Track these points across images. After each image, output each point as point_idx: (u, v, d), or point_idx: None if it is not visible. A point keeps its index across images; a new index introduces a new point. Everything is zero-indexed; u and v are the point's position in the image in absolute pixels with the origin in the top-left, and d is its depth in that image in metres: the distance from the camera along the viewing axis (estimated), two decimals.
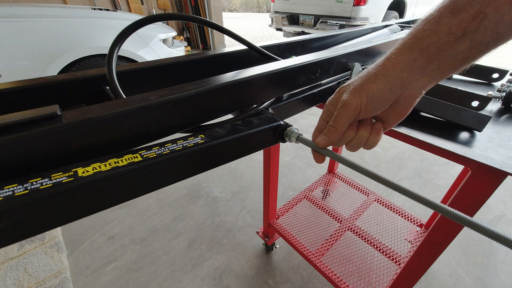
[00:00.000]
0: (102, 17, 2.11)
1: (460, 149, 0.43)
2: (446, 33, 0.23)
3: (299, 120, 2.53)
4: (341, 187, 1.45)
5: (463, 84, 0.73)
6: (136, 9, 4.60)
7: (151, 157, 0.25)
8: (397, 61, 0.26)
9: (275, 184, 1.06)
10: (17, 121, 0.22)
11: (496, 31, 0.22)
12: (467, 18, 0.22)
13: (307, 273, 1.14)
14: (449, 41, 0.23)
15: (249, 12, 19.28)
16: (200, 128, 0.36)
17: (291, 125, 0.37)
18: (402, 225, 1.18)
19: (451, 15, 0.23)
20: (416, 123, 0.51)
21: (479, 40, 0.22)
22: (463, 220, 0.22)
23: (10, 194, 0.19)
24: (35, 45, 1.79)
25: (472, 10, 0.22)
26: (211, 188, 1.64)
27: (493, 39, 0.22)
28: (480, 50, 0.23)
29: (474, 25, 0.22)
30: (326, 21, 3.64)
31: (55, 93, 0.35)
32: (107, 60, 0.35)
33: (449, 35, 0.23)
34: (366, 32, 0.97)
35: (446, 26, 0.23)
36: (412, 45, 0.26)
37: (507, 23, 0.21)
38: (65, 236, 1.30)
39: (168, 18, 0.41)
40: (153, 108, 0.28)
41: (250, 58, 0.56)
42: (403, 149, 2.05)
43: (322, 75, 0.50)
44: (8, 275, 1.08)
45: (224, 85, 0.34)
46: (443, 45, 0.24)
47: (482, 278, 1.13)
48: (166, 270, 1.14)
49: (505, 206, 1.51)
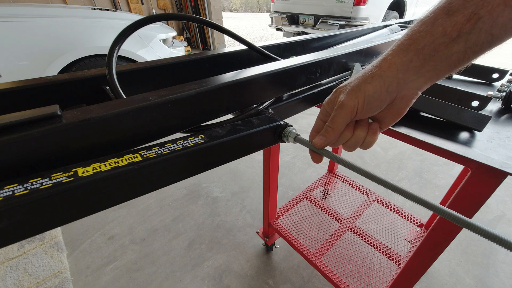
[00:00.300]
0: (102, 17, 2.11)
1: (460, 149, 0.43)
2: (441, 34, 0.24)
3: (299, 120, 2.53)
4: (341, 187, 1.45)
5: (463, 84, 0.73)
6: (136, 9, 4.60)
7: (151, 157, 0.25)
8: (393, 62, 0.26)
9: (275, 184, 1.06)
10: (17, 121, 0.22)
11: (490, 32, 0.22)
12: (461, 19, 0.22)
13: (307, 273, 1.14)
14: (444, 42, 0.24)
15: (249, 12, 19.28)
16: (200, 128, 0.36)
17: (291, 125, 0.37)
18: (402, 225, 1.18)
19: (446, 17, 0.23)
20: (416, 123, 0.51)
21: (474, 41, 0.23)
22: (460, 220, 0.22)
23: (10, 194, 0.19)
24: (35, 45, 1.79)
25: (467, 11, 0.22)
26: (211, 188, 1.64)
27: (488, 40, 0.22)
28: (475, 51, 0.23)
29: (468, 26, 0.22)
30: (326, 21, 3.64)
31: (55, 93, 0.35)
32: (107, 60, 0.35)
33: (444, 36, 0.23)
34: (366, 32, 0.97)
35: (441, 27, 0.24)
36: (408, 46, 0.26)
37: (501, 24, 0.21)
38: (65, 236, 1.30)
39: (168, 18, 0.41)
40: (153, 108, 0.28)
41: (250, 58, 0.56)
42: (403, 149, 2.05)
43: (322, 75, 0.50)
44: (8, 275, 1.08)
45: (224, 85, 0.34)
46: (438, 46, 0.24)
47: (482, 278, 1.13)
48: (166, 270, 1.14)
49: (505, 206, 1.51)
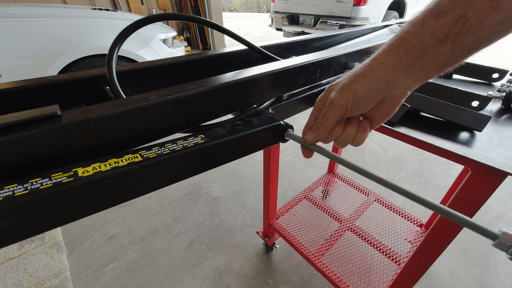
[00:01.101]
0: (102, 17, 2.11)
1: (460, 149, 0.43)
2: (429, 35, 0.24)
3: (299, 120, 2.53)
4: (341, 187, 1.45)
5: (463, 84, 0.73)
6: (136, 9, 4.60)
7: (151, 157, 0.25)
8: (383, 61, 0.27)
9: (275, 184, 1.06)
10: (17, 121, 0.22)
11: (477, 34, 0.22)
12: (449, 21, 0.23)
13: (307, 273, 1.14)
14: (433, 43, 0.24)
15: (249, 12, 19.28)
16: (200, 128, 0.36)
17: (291, 125, 0.37)
18: (402, 225, 1.18)
19: (435, 18, 0.24)
20: (416, 123, 0.51)
21: (461, 43, 0.23)
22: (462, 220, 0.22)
23: (10, 194, 0.19)
24: (35, 45, 1.79)
25: (455, 13, 0.22)
26: (211, 188, 1.64)
27: (475, 42, 0.23)
28: (463, 53, 0.24)
29: (456, 28, 0.23)
30: (326, 21, 3.64)
31: (55, 93, 0.35)
32: (107, 60, 0.35)
33: (433, 37, 0.24)
34: (366, 32, 0.97)
35: (430, 28, 0.24)
36: (397, 46, 0.26)
37: (488, 27, 0.22)
38: (65, 236, 1.30)
39: (168, 18, 0.41)
40: (153, 108, 0.28)
41: (250, 58, 0.56)
42: (403, 149, 2.05)
43: (322, 75, 0.50)
44: (8, 275, 1.08)
45: (224, 85, 0.34)
46: (427, 47, 0.24)
47: (482, 278, 1.13)
48: (166, 270, 1.14)
49: (505, 206, 1.51)
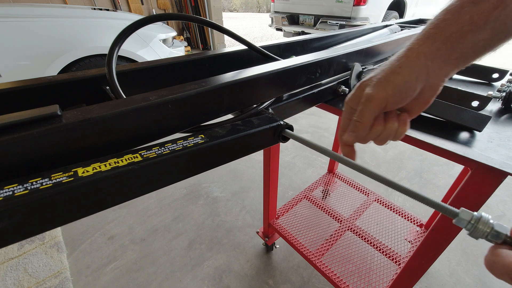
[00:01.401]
0: (102, 17, 2.11)
1: (460, 149, 0.43)
2: (468, 23, 0.24)
3: (299, 120, 2.53)
4: (341, 187, 1.45)
5: (463, 84, 0.73)
6: (136, 9, 4.60)
7: (151, 157, 0.25)
8: (421, 51, 0.27)
9: (275, 184, 1.06)
10: (17, 121, 0.22)
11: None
12: (488, 7, 0.23)
13: (307, 273, 1.14)
14: (471, 30, 0.24)
15: (249, 12, 19.27)
16: (200, 128, 0.36)
17: (291, 125, 0.37)
18: (402, 225, 1.18)
19: (472, 5, 0.24)
20: (416, 123, 0.51)
21: (500, 29, 0.23)
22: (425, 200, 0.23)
23: (10, 194, 0.19)
24: (35, 45, 1.79)
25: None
26: (211, 188, 1.64)
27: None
28: (501, 38, 0.24)
29: (495, 14, 0.23)
30: (326, 21, 3.64)
31: (55, 93, 0.35)
32: (107, 60, 0.35)
33: (471, 24, 0.24)
34: (366, 32, 0.97)
35: (468, 15, 0.24)
36: (434, 34, 0.26)
37: None
38: (65, 236, 1.30)
39: (168, 18, 0.41)
40: (153, 108, 0.28)
41: (250, 58, 0.56)
42: (403, 149, 2.05)
43: (322, 75, 0.50)
44: (8, 275, 1.08)
45: (224, 85, 0.34)
46: (465, 34, 0.24)
47: (482, 278, 1.13)
48: (166, 270, 1.14)
49: (505, 206, 1.51)
